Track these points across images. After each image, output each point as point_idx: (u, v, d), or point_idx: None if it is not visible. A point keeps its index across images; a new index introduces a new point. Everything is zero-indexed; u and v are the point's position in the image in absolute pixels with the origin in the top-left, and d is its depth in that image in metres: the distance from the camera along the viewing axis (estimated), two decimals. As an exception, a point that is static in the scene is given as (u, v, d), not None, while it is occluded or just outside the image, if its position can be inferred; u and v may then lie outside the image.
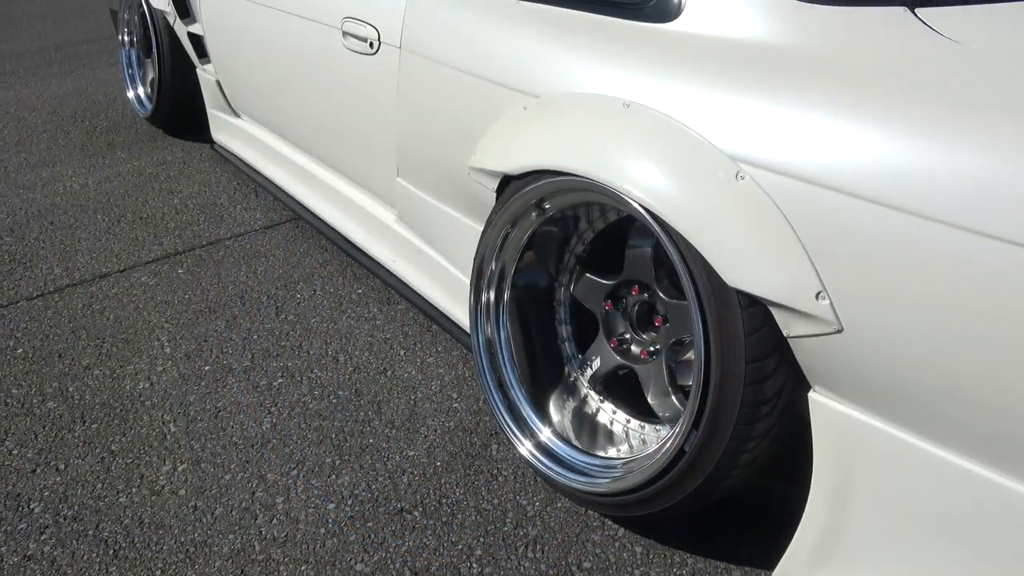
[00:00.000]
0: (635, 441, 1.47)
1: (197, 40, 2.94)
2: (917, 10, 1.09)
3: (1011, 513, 0.98)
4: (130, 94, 3.48)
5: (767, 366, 1.14)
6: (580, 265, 1.54)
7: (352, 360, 1.90)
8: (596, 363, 1.51)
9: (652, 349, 1.43)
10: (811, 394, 1.16)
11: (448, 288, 1.85)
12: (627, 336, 1.47)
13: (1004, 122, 0.93)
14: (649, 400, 1.44)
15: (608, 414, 1.52)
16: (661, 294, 1.38)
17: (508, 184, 1.47)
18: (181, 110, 3.21)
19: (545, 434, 1.50)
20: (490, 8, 1.57)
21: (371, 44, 1.84)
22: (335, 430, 1.67)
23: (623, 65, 1.28)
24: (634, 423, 1.49)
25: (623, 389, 1.52)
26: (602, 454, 1.46)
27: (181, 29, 2.99)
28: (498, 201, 1.51)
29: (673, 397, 1.40)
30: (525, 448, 1.49)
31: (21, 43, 5.33)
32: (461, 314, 1.79)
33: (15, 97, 4.06)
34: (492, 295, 1.56)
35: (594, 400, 1.54)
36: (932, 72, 1.03)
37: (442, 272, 1.86)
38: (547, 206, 1.45)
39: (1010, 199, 0.89)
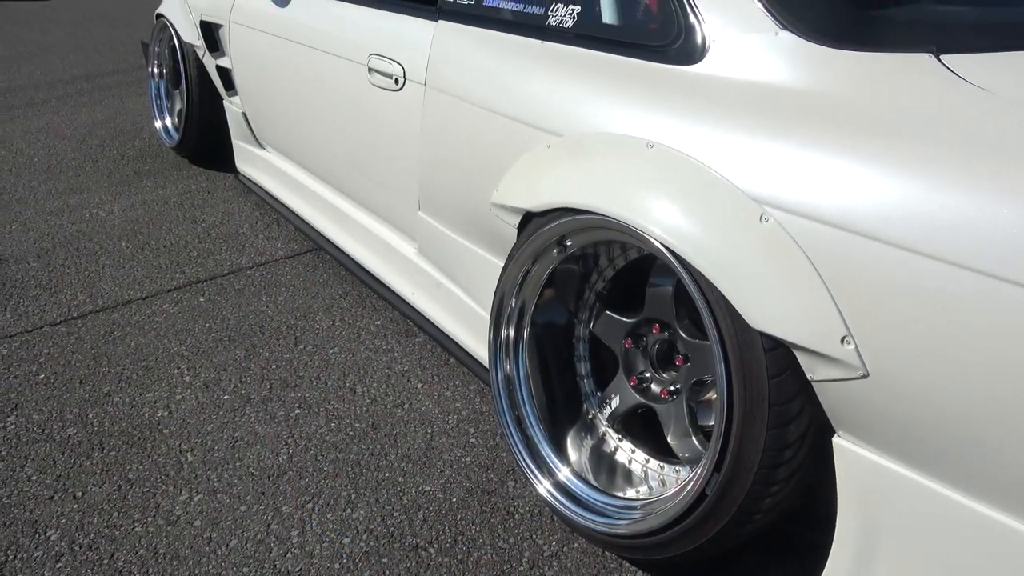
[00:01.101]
0: (654, 482, 1.45)
1: (225, 73, 3.01)
2: (942, 56, 1.10)
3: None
4: (157, 124, 3.55)
5: (791, 409, 1.13)
6: (600, 302, 1.53)
7: (369, 392, 1.90)
8: (615, 401, 1.50)
9: (672, 388, 1.42)
10: (835, 439, 1.15)
11: (467, 322, 1.85)
12: (647, 375, 1.46)
13: (1032, 169, 0.93)
14: (669, 440, 1.42)
15: (627, 453, 1.51)
16: (682, 333, 1.37)
17: (530, 221, 1.48)
18: (207, 140, 3.27)
19: (564, 473, 1.49)
20: (515, 48, 1.59)
21: (396, 80, 1.86)
22: (351, 463, 1.67)
23: (647, 106, 1.29)
24: (653, 463, 1.47)
25: (642, 428, 1.51)
26: (621, 495, 1.44)
27: (210, 62, 3.06)
28: (519, 238, 1.51)
29: (694, 438, 1.39)
30: (543, 487, 1.48)
31: (54, 73, 5.46)
32: (479, 348, 1.79)
33: (46, 125, 4.16)
34: (512, 331, 1.56)
35: (612, 439, 1.52)
36: (956, 118, 1.03)
37: (461, 306, 1.86)
38: (568, 243, 1.45)
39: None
